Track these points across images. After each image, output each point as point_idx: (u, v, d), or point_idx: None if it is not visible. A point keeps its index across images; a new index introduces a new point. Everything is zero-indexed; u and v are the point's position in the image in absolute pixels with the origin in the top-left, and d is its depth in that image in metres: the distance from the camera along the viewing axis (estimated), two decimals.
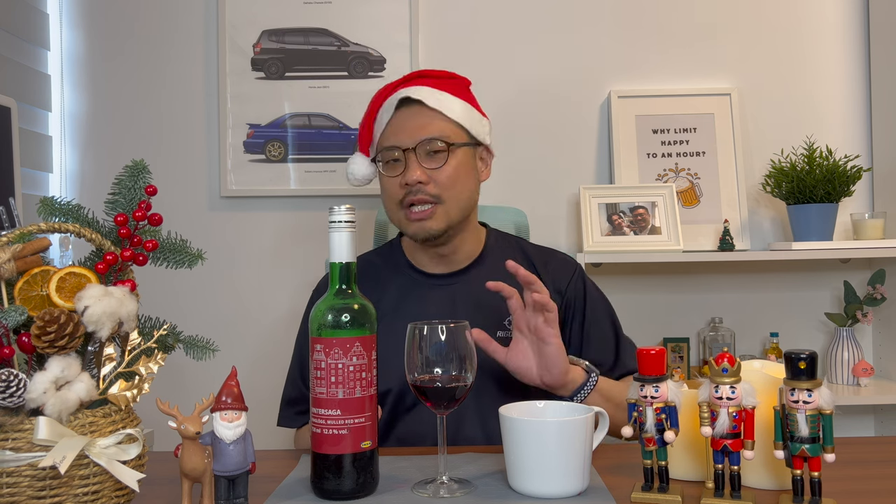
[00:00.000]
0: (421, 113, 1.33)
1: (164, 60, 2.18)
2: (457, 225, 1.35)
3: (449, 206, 1.32)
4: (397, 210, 1.34)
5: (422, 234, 1.32)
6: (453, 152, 1.32)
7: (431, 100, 1.33)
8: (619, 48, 2.19)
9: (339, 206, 0.95)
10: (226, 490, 0.88)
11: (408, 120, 1.33)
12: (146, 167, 0.97)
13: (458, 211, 1.34)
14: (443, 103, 1.34)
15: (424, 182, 1.29)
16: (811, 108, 2.19)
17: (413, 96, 1.33)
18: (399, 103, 1.34)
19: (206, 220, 2.17)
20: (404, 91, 1.34)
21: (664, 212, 2.05)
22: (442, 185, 1.31)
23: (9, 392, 0.77)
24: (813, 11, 2.20)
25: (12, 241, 0.86)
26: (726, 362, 0.86)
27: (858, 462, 1.06)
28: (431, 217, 1.31)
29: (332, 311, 0.94)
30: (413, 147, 1.30)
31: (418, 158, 1.30)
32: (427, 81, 1.37)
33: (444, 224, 1.32)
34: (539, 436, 0.92)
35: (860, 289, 2.10)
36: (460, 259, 1.40)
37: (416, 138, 1.31)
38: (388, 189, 1.34)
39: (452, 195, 1.32)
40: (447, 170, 1.31)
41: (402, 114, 1.34)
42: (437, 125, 1.32)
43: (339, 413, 0.91)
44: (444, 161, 1.31)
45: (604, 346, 1.37)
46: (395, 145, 1.32)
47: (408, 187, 1.30)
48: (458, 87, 1.40)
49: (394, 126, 1.34)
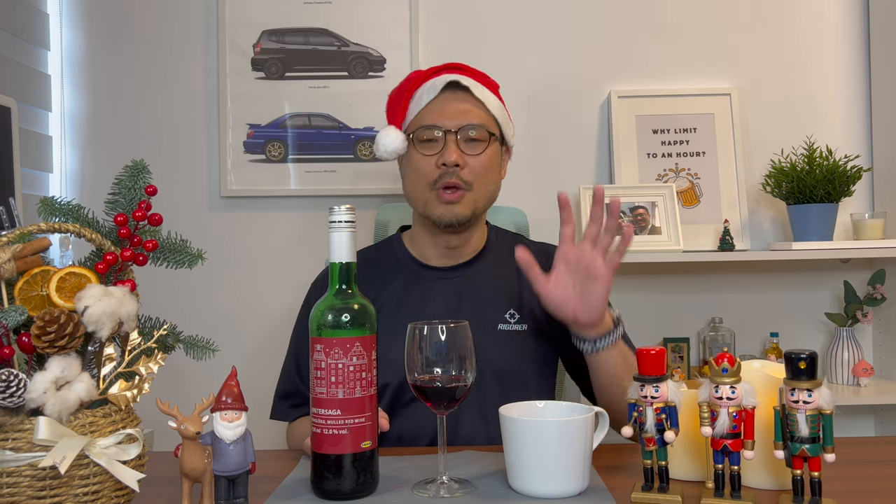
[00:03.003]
0: (466, 99, 1.36)
1: (164, 60, 2.18)
2: (479, 215, 1.37)
3: (477, 194, 1.34)
4: (427, 190, 1.34)
5: (448, 217, 1.33)
6: (491, 143, 1.35)
7: (477, 90, 1.36)
8: (619, 48, 2.19)
9: (339, 206, 0.95)
10: (226, 490, 0.88)
11: (451, 103, 1.35)
12: (146, 167, 0.97)
13: (484, 201, 1.36)
14: (486, 96, 1.37)
15: (461, 165, 1.31)
16: (811, 108, 2.19)
17: (462, 82, 1.35)
18: (444, 86, 1.36)
19: (206, 220, 2.17)
20: (452, 76, 1.36)
21: (664, 212, 2.05)
22: (475, 173, 1.33)
23: (9, 392, 0.77)
24: (813, 11, 2.20)
25: (12, 241, 0.86)
26: (726, 362, 0.86)
27: (858, 462, 1.06)
28: (460, 202, 1.32)
29: (332, 311, 0.93)
30: (455, 130, 1.32)
31: (458, 142, 1.32)
32: (467, 72, 1.40)
33: (469, 211, 1.34)
34: (539, 436, 0.92)
35: (860, 289, 2.10)
36: (466, 252, 1.41)
37: (460, 122, 1.33)
38: (421, 168, 1.34)
39: (483, 184, 1.34)
40: (483, 158, 1.34)
41: (446, 96, 1.35)
42: (480, 113, 1.35)
43: (339, 413, 0.91)
44: (482, 149, 1.34)
45: None
46: (437, 125, 1.33)
47: (444, 168, 1.31)
48: (492, 86, 1.43)
49: (436, 106, 1.35)
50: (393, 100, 1.42)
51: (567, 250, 1.19)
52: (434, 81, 1.36)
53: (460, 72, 1.39)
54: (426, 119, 1.35)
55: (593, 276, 1.15)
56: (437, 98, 1.35)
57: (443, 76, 1.37)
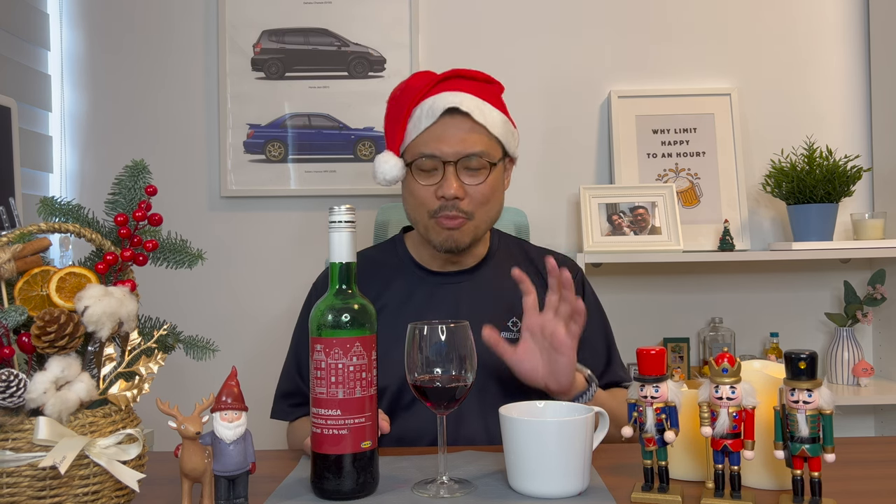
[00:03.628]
0: (464, 125, 1.29)
1: (164, 60, 2.18)
2: (480, 239, 1.36)
3: (478, 221, 1.32)
4: (426, 218, 1.32)
5: (448, 244, 1.31)
6: (493, 171, 1.31)
7: (477, 113, 1.29)
8: (620, 48, 2.19)
9: (339, 206, 0.95)
10: (226, 490, 0.88)
11: (450, 130, 1.28)
12: (146, 167, 0.97)
13: (485, 227, 1.35)
14: (487, 118, 1.30)
15: (461, 197, 1.28)
16: (811, 108, 2.19)
17: (462, 108, 1.28)
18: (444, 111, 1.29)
19: (206, 220, 2.17)
20: (450, 98, 1.29)
21: (664, 212, 2.05)
22: (476, 202, 1.30)
23: (9, 392, 0.76)
24: (813, 11, 2.20)
25: (12, 241, 0.86)
26: (726, 362, 0.86)
27: (858, 462, 1.06)
28: (460, 229, 1.30)
29: (332, 311, 0.93)
30: (455, 160, 1.28)
31: (457, 172, 1.29)
32: (469, 86, 1.32)
33: (470, 238, 1.32)
34: (539, 436, 0.92)
35: (860, 289, 2.10)
36: (468, 260, 1.40)
37: (459, 152, 1.28)
38: (420, 196, 1.31)
39: (483, 211, 1.32)
40: (484, 188, 1.30)
41: (445, 122, 1.28)
42: (480, 140, 1.29)
43: (339, 413, 0.91)
44: (483, 179, 1.30)
45: (594, 354, 1.39)
46: (436, 155, 1.28)
47: (443, 200, 1.28)
48: (495, 94, 1.37)
49: (435, 133, 1.29)
50: (391, 116, 1.36)
51: (530, 320, 1.17)
52: (434, 104, 1.29)
53: (459, 81, 1.33)
54: (425, 147, 1.29)
55: (557, 347, 1.14)
56: (437, 123, 1.28)
57: (442, 97, 1.29)
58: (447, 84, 1.33)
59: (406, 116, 1.32)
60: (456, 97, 1.29)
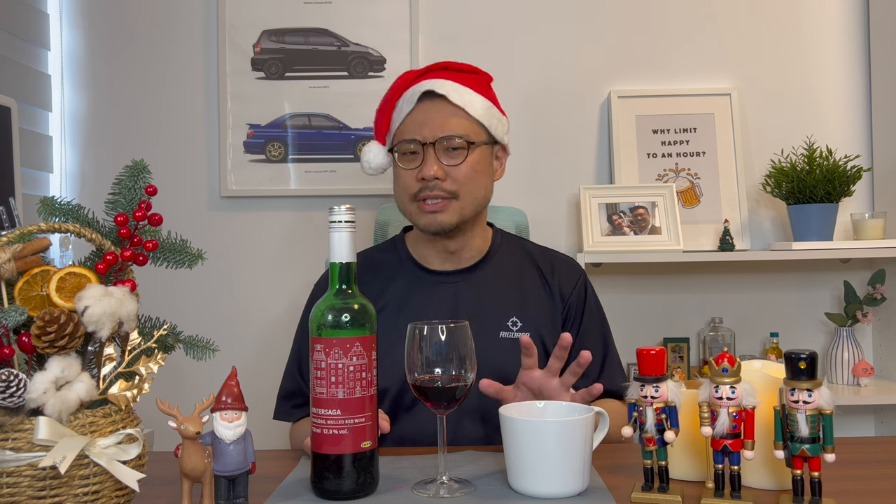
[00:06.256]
0: (443, 108, 1.32)
1: (164, 60, 2.18)
2: (468, 220, 1.35)
3: (464, 201, 1.32)
4: (410, 202, 1.34)
5: (433, 226, 1.32)
6: (472, 150, 1.33)
7: (455, 95, 1.33)
8: (619, 48, 2.19)
9: (339, 206, 0.95)
10: (226, 490, 0.88)
11: (429, 114, 1.32)
12: (146, 167, 0.97)
13: (472, 207, 1.34)
14: (465, 100, 1.33)
15: (441, 178, 1.30)
16: (811, 108, 2.19)
17: (437, 90, 1.32)
18: (421, 96, 1.33)
19: (206, 220, 2.17)
20: (428, 83, 1.33)
21: (664, 212, 2.05)
22: (458, 182, 1.31)
23: (9, 392, 0.76)
24: (813, 11, 2.20)
25: (12, 241, 0.86)
26: (726, 362, 0.86)
27: (858, 462, 1.06)
28: (444, 210, 1.31)
29: (332, 311, 0.93)
30: (432, 142, 1.30)
31: (437, 154, 1.31)
32: (450, 75, 1.36)
33: (456, 218, 1.32)
34: (539, 436, 0.92)
35: (860, 289, 2.10)
36: (467, 257, 1.40)
37: (437, 134, 1.31)
38: (403, 181, 1.34)
39: (468, 191, 1.32)
40: (464, 167, 1.31)
41: (423, 107, 1.33)
42: (458, 122, 1.32)
43: (339, 413, 0.91)
44: (462, 158, 1.31)
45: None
46: (415, 138, 1.32)
47: (424, 182, 1.30)
48: (481, 83, 1.40)
49: (414, 118, 1.33)
50: (379, 110, 1.41)
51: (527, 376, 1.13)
52: (412, 91, 1.34)
53: (442, 72, 1.37)
54: (406, 132, 1.33)
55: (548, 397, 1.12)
56: (416, 109, 1.33)
57: (421, 84, 1.34)
58: (430, 74, 1.37)
59: (391, 108, 1.37)
60: (434, 83, 1.33)
